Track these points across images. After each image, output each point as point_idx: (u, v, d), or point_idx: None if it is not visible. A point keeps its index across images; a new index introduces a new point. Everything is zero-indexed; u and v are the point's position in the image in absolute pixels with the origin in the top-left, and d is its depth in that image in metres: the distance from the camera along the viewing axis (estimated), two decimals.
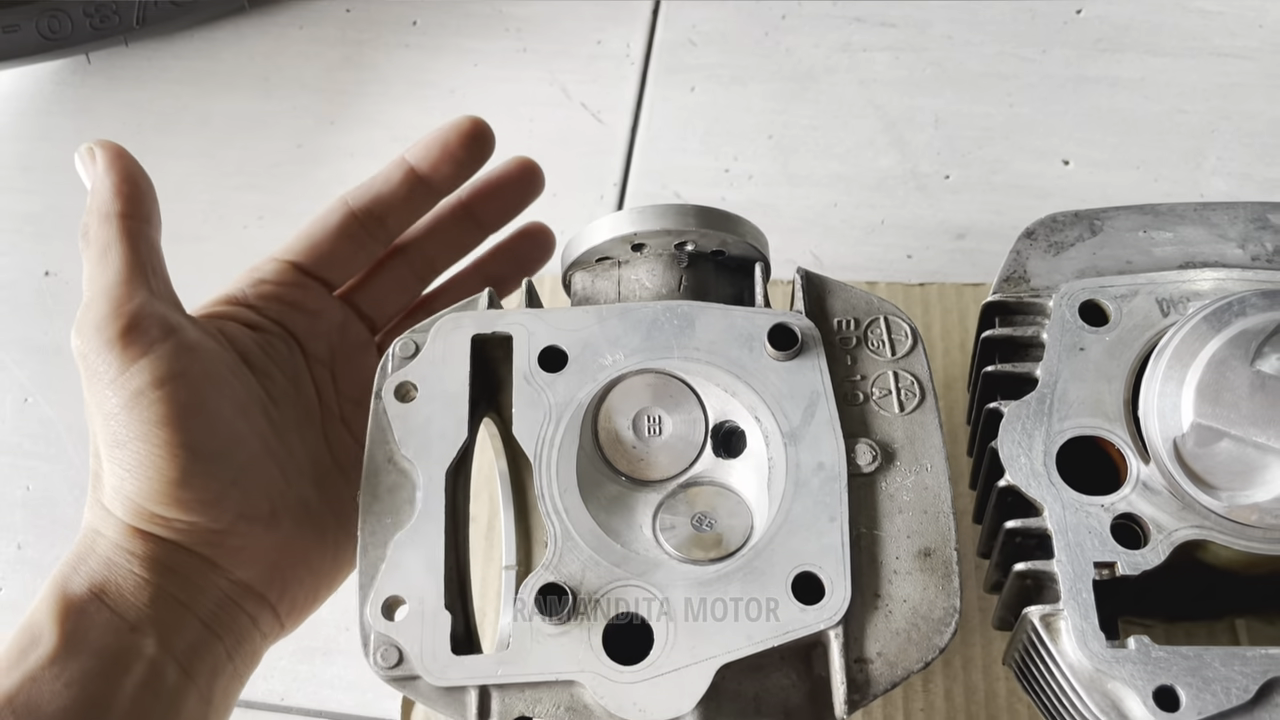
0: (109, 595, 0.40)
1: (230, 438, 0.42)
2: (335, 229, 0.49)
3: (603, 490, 0.41)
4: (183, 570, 0.41)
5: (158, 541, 0.41)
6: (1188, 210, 0.48)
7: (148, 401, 0.40)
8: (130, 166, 0.44)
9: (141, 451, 0.40)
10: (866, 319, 0.43)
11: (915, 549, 0.39)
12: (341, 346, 0.50)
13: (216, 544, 0.42)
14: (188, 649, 0.41)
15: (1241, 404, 0.39)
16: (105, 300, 0.41)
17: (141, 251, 0.43)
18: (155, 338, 0.41)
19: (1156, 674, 0.38)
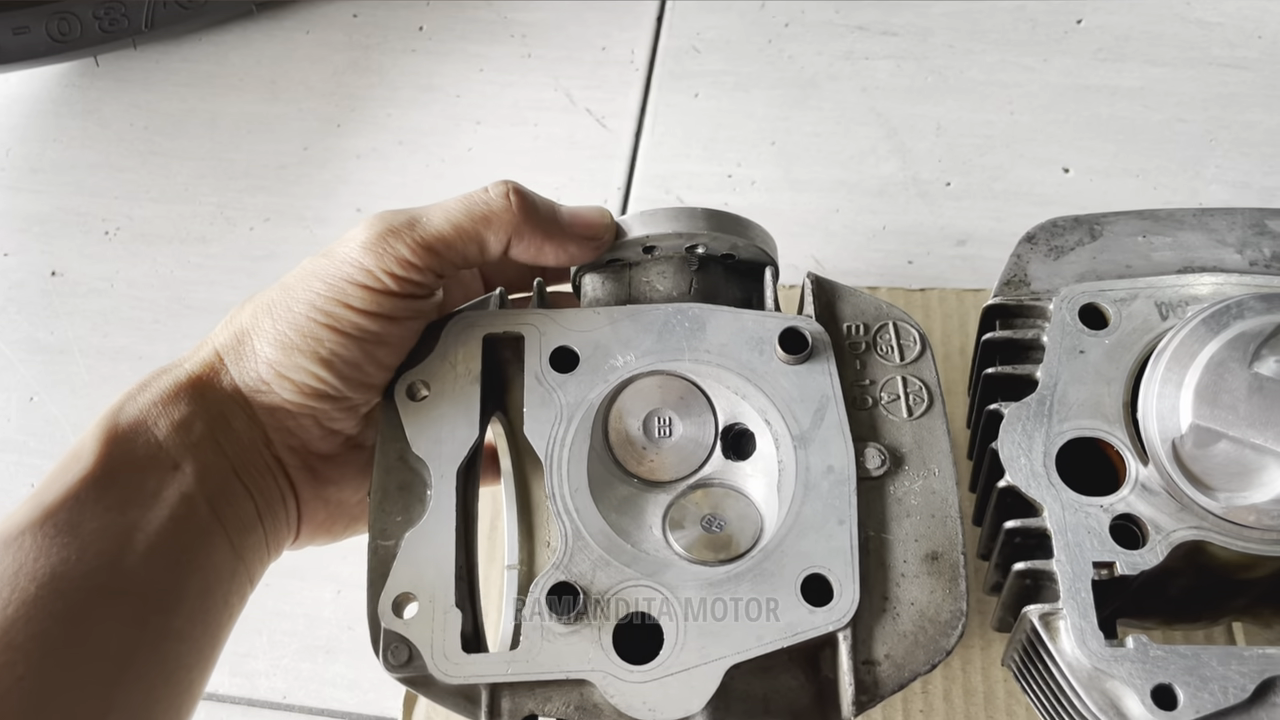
0: (156, 423, 0.41)
1: (385, 369, 0.43)
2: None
3: (613, 491, 0.42)
4: (233, 422, 0.42)
5: (221, 388, 0.42)
6: (1187, 216, 0.48)
7: (385, 330, 0.41)
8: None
9: (289, 323, 0.41)
10: (876, 324, 0.44)
11: (923, 552, 0.39)
12: None
13: (277, 419, 0.43)
14: (219, 493, 0.42)
15: (1239, 406, 0.40)
16: (440, 238, 0.42)
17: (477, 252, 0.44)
18: (425, 294, 0.42)
19: (1155, 673, 0.38)
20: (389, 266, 0.41)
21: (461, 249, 0.42)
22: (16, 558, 0.37)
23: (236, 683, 0.63)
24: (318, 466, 0.45)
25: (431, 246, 0.42)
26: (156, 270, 0.77)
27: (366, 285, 0.41)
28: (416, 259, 0.41)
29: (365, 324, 0.41)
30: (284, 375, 0.42)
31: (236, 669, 0.63)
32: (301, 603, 0.65)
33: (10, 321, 0.76)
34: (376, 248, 0.41)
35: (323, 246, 0.73)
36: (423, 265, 0.42)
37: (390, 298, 0.41)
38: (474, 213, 0.43)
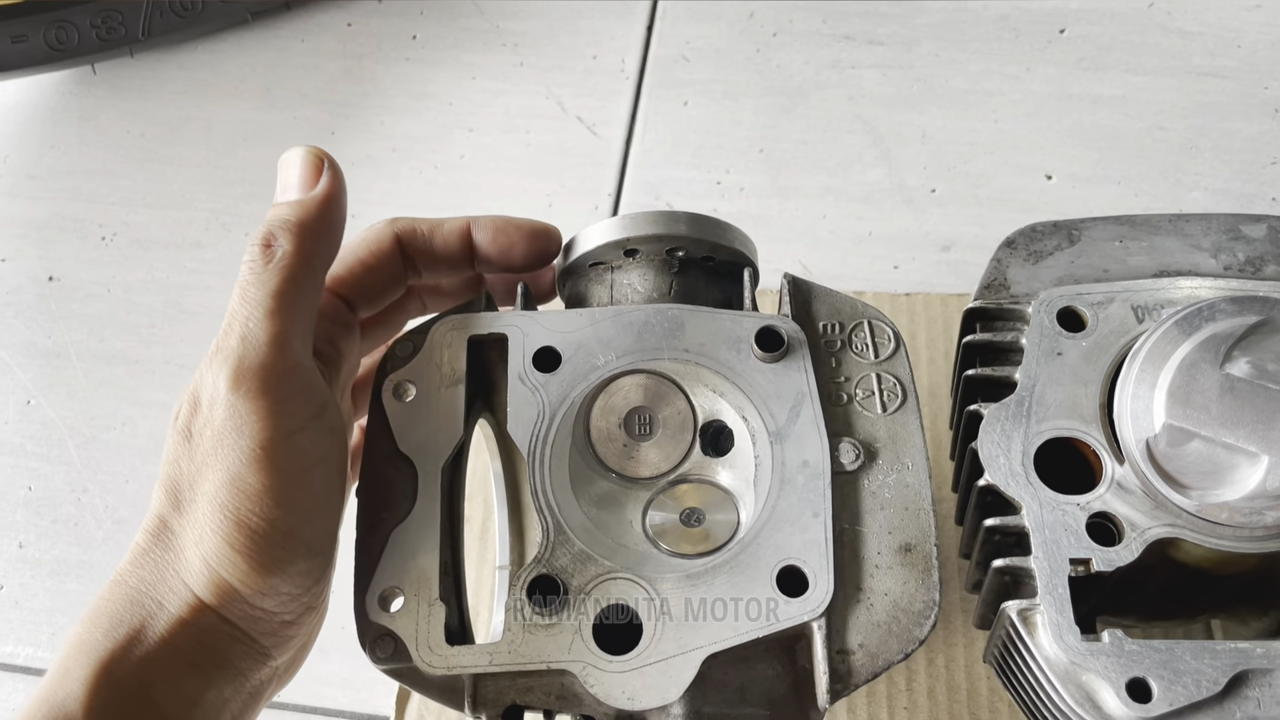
0: (156, 690, 0.35)
1: (329, 532, 0.39)
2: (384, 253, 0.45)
3: (594, 486, 0.42)
4: (236, 660, 0.37)
5: (223, 626, 0.37)
6: (1163, 221, 0.49)
7: (291, 482, 0.36)
8: (343, 206, 0.40)
9: (261, 540, 0.35)
10: (851, 323, 0.44)
11: (896, 544, 0.40)
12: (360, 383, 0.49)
13: (276, 632, 0.39)
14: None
15: (1211, 406, 0.41)
16: (278, 353, 0.36)
17: (314, 304, 0.39)
18: (312, 414, 0.37)
19: (1129, 666, 0.39)
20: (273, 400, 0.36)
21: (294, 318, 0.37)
22: None
23: None
24: (308, 642, 0.42)
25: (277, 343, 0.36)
26: (153, 276, 0.78)
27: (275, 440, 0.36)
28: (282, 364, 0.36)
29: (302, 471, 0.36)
30: (277, 590, 0.37)
31: None
32: None
33: (8, 326, 0.77)
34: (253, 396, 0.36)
35: None
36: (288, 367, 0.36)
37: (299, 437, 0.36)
38: None
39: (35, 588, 0.69)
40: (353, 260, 0.45)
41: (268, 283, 0.37)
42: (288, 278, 0.37)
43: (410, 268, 0.46)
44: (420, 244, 0.46)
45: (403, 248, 0.45)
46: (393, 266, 0.45)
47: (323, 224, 0.39)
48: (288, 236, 0.38)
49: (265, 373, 0.36)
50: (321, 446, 0.37)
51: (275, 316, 0.36)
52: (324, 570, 0.39)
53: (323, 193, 0.39)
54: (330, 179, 0.40)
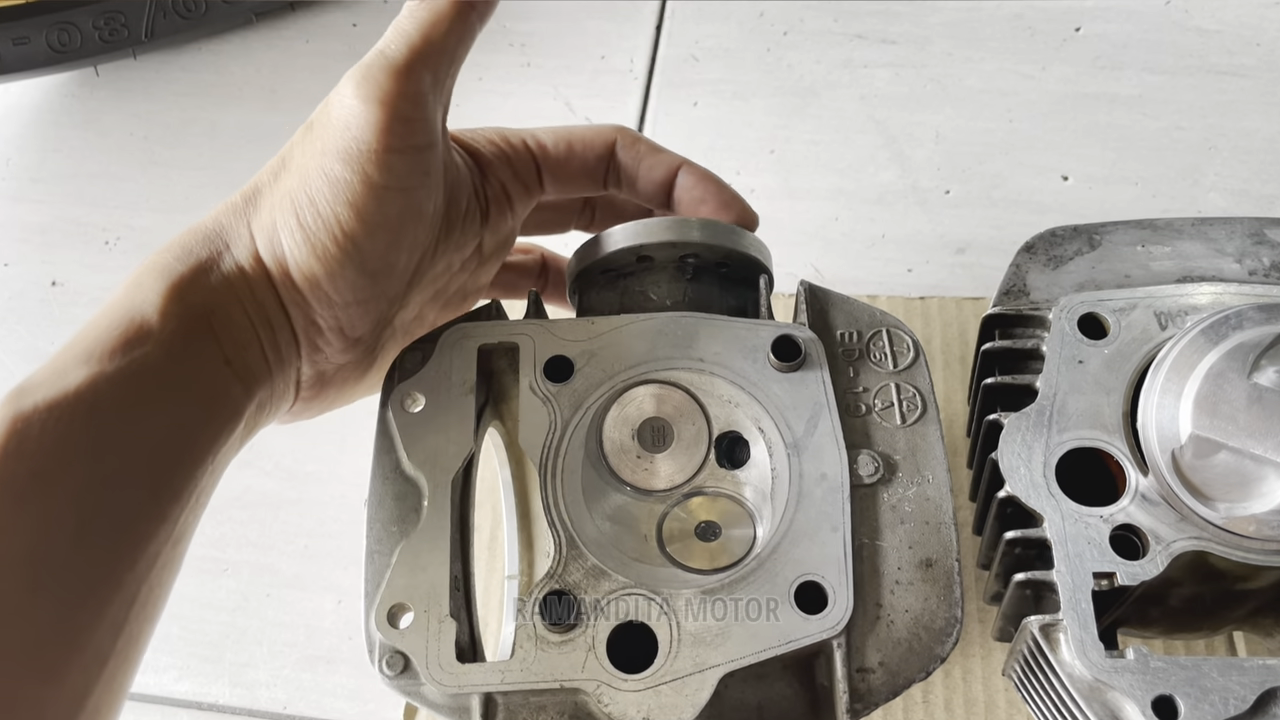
0: (218, 320, 0.39)
1: (391, 267, 0.42)
2: (595, 157, 0.49)
3: (607, 499, 0.42)
4: (276, 328, 0.41)
5: (271, 290, 0.40)
6: (1185, 225, 0.48)
7: (368, 191, 0.39)
8: None
9: (326, 224, 0.39)
10: (869, 331, 0.44)
11: (917, 559, 0.39)
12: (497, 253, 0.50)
13: (307, 333, 0.42)
14: (258, 405, 0.41)
15: (1239, 416, 0.40)
16: (406, 70, 0.39)
17: (459, 48, 0.42)
18: (416, 143, 0.40)
19: (1155, 684, 0.38)
20: (393, 115, 0.39)
21: (440, 53, 0.41)
22: (72, 431, 0.34)
23: (237, 693, 0.63)
24: (328, 371, 0.44)
25: (409, 63, 0.40)
26: None
27: (376, 149, 0.39)
28: (410, 94, 0.39)
29: (381, 201, 0.40)
30: (305, 277, 0.40)
31: (237, 679, 0.63)
32: (302, 613, 0.65)
33: (11, 331, 0.76)
34: (375, 102, 0.39)
35: None
36: (413, 102, 0.39)
37: (399, 158, 0.39)
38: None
39: None
40: (564, 132, 0.49)
41: (417, 15, 0.40)
42: (436, 20, 0.40)
43: (614, 178, 0.50)
44: (631, 158, 0.49)
45: (615, 153, 0.49)
46: (597, 158, 0.49)
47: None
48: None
49: (387, 85, 0.39)
50: (413, 176, 0.40)
51: (415, 47, 0.40)
52: (368, 291, 0.41)
53: None
54: None
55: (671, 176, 0.49)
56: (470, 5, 0.41)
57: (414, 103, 0.39)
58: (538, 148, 0.49)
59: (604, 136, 0.49)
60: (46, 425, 0.34)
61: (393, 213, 0.40)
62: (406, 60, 0.39)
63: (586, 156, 0.49)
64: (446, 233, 0.45)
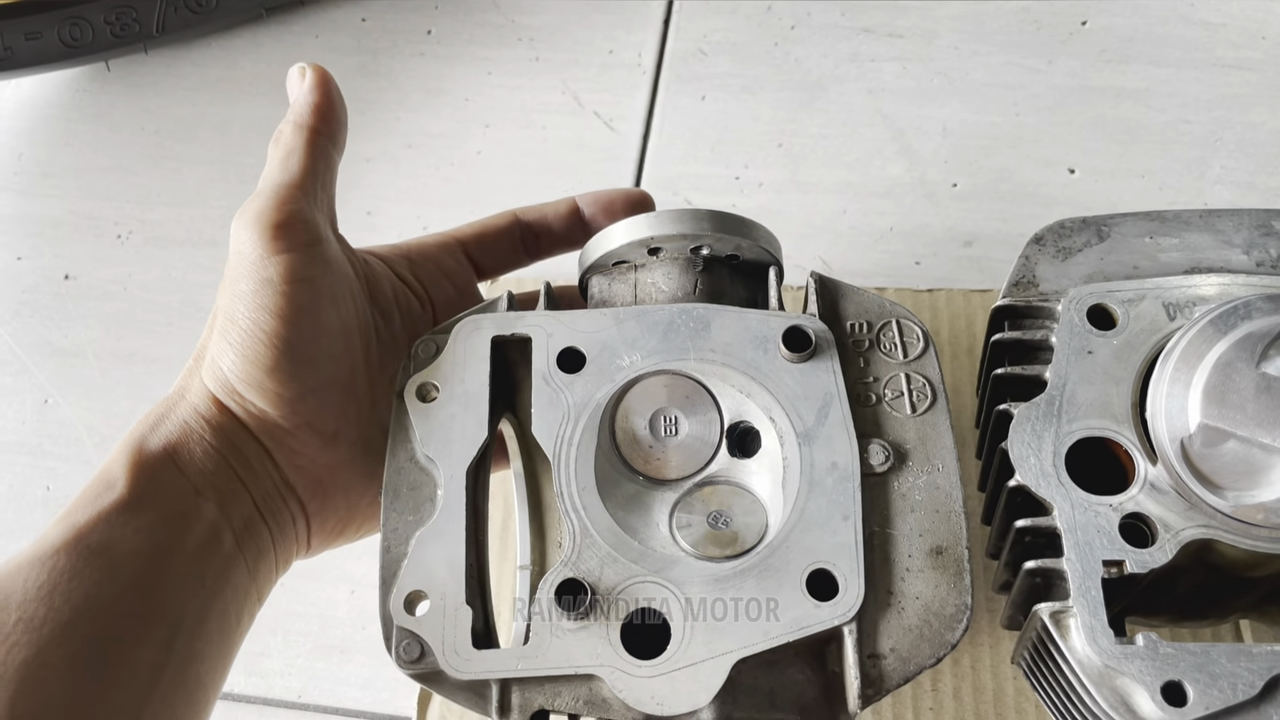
0: (179, 456, 0.42)
1: (326, 351, 0.44)
2: (502, 228, 0.54)
3: (620, 489, 0.42)
4: (245, 451, 0.44)
5: (231, 418, 0.44)
6: (1193, 217, 0.48)
7: (273, 291, 0.42)
8: (333, 93, 0.48)
9: (249, 332, 0.42)
10: (879, 322, 0.44)
11: (927, 547, 0.40)
12: (461, 307, 0.53)
13: (279, 440, 0.44)
14: (242, 523, 0.43)
15: (1247, 405, 0.40)
16: (273, 195, 0.44)
17: (319, 166, 0.46)
18: (302, 240, 0.43)
19: (1164, 670, 0.39)
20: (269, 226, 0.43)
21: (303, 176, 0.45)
22: (51, 576, 0.38)
23: (252, 682, 0.64)
24: (325, 479, 0.46)
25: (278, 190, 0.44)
26: (169, 273, 0.78)
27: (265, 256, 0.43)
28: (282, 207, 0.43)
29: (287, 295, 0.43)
30: (250, 384, 0.43)
31: (252, 668, 0.64)
32: (316, 603, 0.65)
33: (24, 325, 0.77)
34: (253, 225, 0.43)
35: None
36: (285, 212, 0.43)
37: (289, 255, 0.43)
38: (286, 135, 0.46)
39: None
40: (476, 224, 0.54)
41: (274, 157, 0.45)
42: (287, 150, 0.45)
43: (533, 240, 0.55)
44: (534, 216, 0.54)
45: (521, 225, 0.54)
46: (513, 231, 0.54)
47: (312, 109, 0.46)
48: (287, 125, 0.46)
49: (262, 207, 0.43)
50: (311, 267, 0.43)
51: (279, 179, 0.44)
52: (314, 379, 0.44)
53: (307, 86, 0.47)
54: (312, 76, 0.47)
55: (573, 204, 0.54)
56: (316, 132, 0.46)
57: (289, 213, 0.43)
58: (458, 233, 0.54)
59: (501, 216, 0.55)
60: (29, 576, 0.38)
61: (305, 301, 0.43)
62: (275, 188, 0.44)
63: (499, 236, 0.54)
64: (385, 320, 0.49)
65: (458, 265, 0.54)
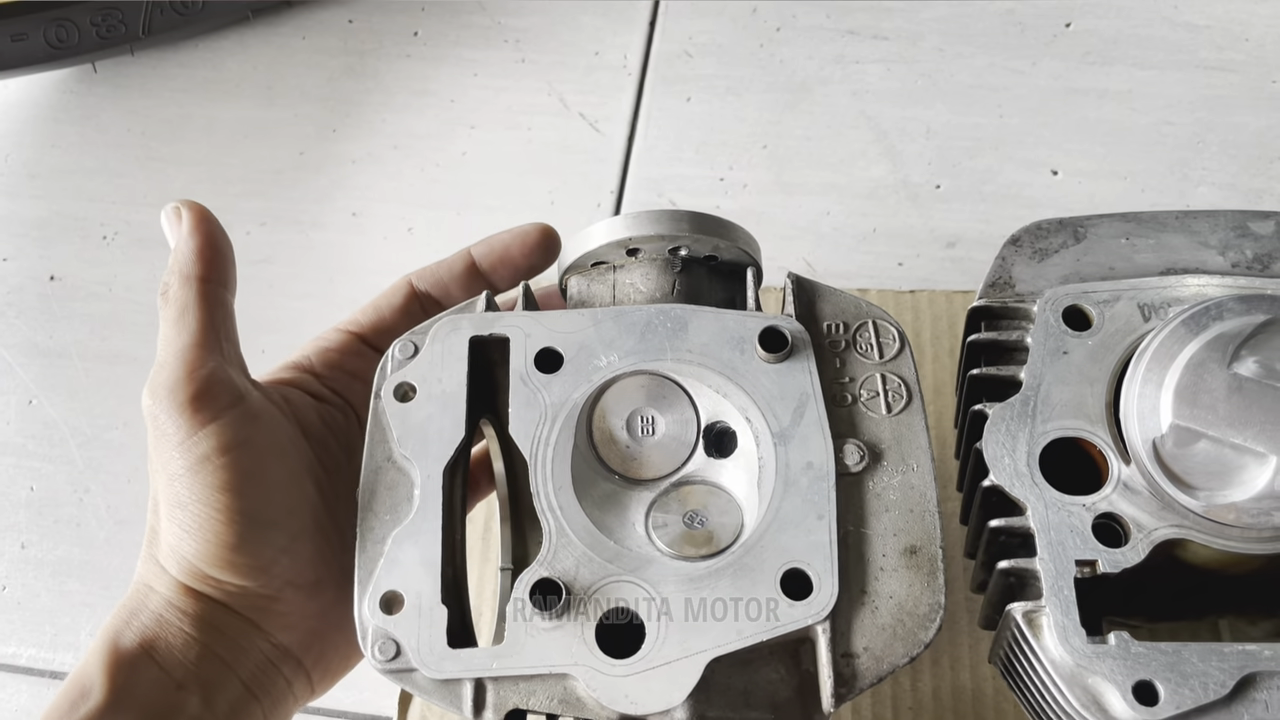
0: (158, 651, 0.41)
1: (285, 507, 0.43)
2: (399, 307, 0.51)
3: (596, 488, 0.42)
4: (229, 631, 0.43)
5: (207, 601, 0.42)
6: (1169, 218, 0.49)
7: (212, 467, 0.41)
8: (213, 230, 0.46)
9: (201, 514, 0.41)
10: (855, 323, 0.44)
11: (901, 546, 0.40)
12: None
13: (263, 608, 0.43)
14: (229, 710, 0.42)
15: (1219, 406, 0.40)
16: (180, 363, 0.42)
17: (217, 317, 0.44)
18: (224, 405, 0.42)
19: (1136, 669, 0.39)
20: (187, 400, 0.41)
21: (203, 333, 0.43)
22: None
23: None
24: (318, 627, 0.45)
25: (181, 357, 0.42)
26: (154, 274, 0.78)
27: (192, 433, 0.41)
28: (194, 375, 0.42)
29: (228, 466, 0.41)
30: (219, 564, 0.42)
31: None
32: None
33: (9, 326, 0.77)
34: (169, 401, 0.41)
35: (318, 251, 0.74)
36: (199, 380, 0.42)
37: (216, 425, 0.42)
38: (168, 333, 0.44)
39: (37, 588, 0.69)
40: (371, 309, 0.51)
41: (167, 317, 0.44)
42: (180, 308, 0.44)
43: (435, 306, 0.51)
44: (431, 281, 0.51)
45: (417, 293, 0.51)
46: (412, 306, 0.51)
47: (195, 255, 0.45)
48: (173, 277, 0.45)
49: (171, 382, 0.42)
50: (243, 429, 0.42)
51: (175, 338, 0.43)
52: (282, 538, 0.43)
53: (185, 230, 0.45)
54: (189, 217, 0.46)
55: (469, 260, 0.51)
56: (205, 281, 0.44)
57: (203, 379, 0.42)
58: (353, 326, 0.51)
59: (398, 290, 0.51)
60: None
61: (248, 466, 0.42)
62: (178, 354, 0.42)
63: (401, 313, 0.51)
64: (323, 448, 0.47)
65: (364, 361, 0.50)
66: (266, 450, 0.43)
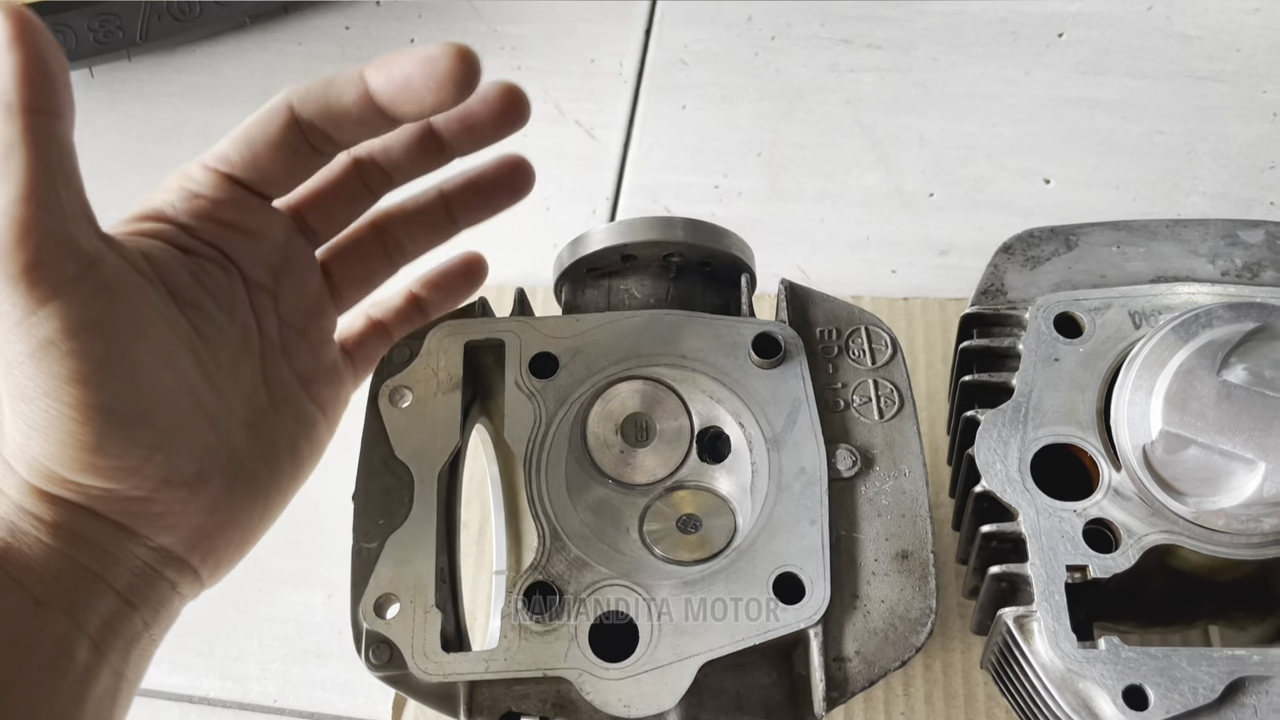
0: (11, 564, 0.35)
1: (154, 395, 0.36)
2: (276, 140, 0.41)
3: (590, 493, 0.42)
4: (96, 538, 0.36)
5: (66, 506, 0.36)
6: (1160, 227, 0.49)
7: (58, 354, 0.33)
8: (41, 42, 0.33)
9: (51, 410, 0.34)
10: (848, 329, 0.44)
11: (893, 551, 0.40)
12: (285, 268, 0.44)
13: (135, 511, 0.37)
14: (102, 624, 0.36)
15: (1208, 412, 0.41)
16: (7, 224, 0.33)
17: (52, 157, 0.34)
18: (69, 275, 0.34)
19: (1126, 674, 0.39)
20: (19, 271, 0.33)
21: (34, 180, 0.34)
22: None
23: (227, 687, 0.64)
24: (205, 522, 0.39)
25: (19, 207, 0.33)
26: None
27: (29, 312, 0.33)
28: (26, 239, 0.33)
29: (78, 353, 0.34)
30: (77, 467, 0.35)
31: (227, 673, 0.64)
32: (292, 607, 0.65)
33: None
34: None
35: None
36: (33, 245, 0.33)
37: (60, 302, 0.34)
38: None
39: None
40: (242, 140, 0.41)
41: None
42: (5, 146, 0.33)
43: (324, 140, 0.41)
44: (317, 108, 0.41)
45: (301, 123, 0.41)
46: (294, 140, 0.41)
47: (18, 77, 0.33)
48: None
49: (2, 247, 0.33)
50: (94, 304, 0.34)
51: (1, 186, 0.33)
52: (150, 435, 0.36)
53: (1, 45, 0.33)
54: (6, 28, 0.33)
55: (363, 86, 0.40)
56: (33, 111, 0.33)
57: (38, 243, 0.33)
58: (223, 163, 0.41)
59: (273, 111, 0.41)
60: None
61: (103, 351, 0.34)
62: (4, 212, 0.33)
63: (276, 141, 0.41)
64: (196, 311, 0.40)
65: (240, 207, 0.42)
66: (125, 329, 0.35)
